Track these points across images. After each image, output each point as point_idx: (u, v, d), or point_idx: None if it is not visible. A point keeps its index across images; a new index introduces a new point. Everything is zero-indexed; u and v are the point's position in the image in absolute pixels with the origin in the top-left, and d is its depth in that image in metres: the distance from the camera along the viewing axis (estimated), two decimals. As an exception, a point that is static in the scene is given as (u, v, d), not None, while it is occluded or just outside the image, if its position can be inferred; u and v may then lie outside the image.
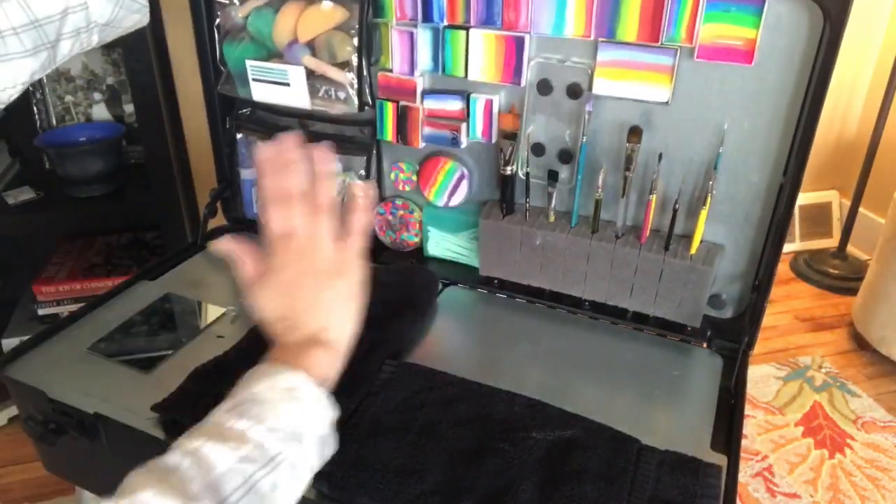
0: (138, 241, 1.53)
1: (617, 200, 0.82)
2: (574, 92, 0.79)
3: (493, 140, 0.86)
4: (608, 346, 0.82)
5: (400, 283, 0.88)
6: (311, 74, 0.87)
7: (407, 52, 0.84)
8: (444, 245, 0.97)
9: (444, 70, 0.84)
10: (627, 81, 0.75)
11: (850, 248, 1.92)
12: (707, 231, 0.79)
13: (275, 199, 0.54)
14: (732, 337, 0.80)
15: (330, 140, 0.95)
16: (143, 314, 0.86)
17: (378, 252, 1.00)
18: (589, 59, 0.77)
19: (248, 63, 0.90)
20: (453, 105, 0.85)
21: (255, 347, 0.75)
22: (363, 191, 0.57)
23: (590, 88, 0.78)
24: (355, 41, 0.84)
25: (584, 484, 0.59)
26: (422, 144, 0.89)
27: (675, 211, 0.77)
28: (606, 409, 0.69)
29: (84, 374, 0.75)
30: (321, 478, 0.60)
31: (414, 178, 0.94)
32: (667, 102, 0.75)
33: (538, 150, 0.84)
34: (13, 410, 1.33)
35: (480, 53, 0.80)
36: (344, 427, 0.66)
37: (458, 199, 0.91)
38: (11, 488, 1.22)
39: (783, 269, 1.94)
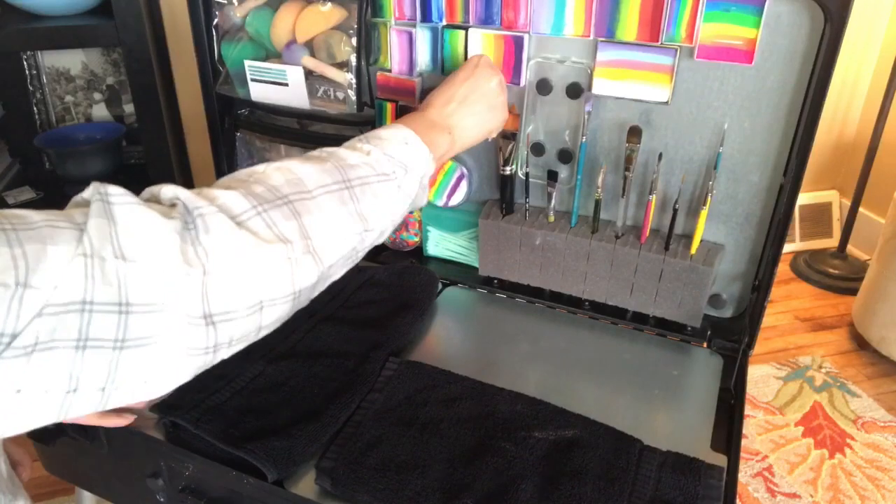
0: (138, 242, 1.53)
1: (617, 200, 0.82)
2: (574, 92, 0.79)
3: (493, 140, 0.85)
4: (608, 346, 0.82)
5: (399, 283, 0.88)
6: (309, 74, 0.87)
7: (406, 52, 0.83)
8: (443, 245, 0.97)
9: (443, 70, 0.84)
10: (627, 81, 0.75)
11: (850, 248, 1.92)
12: (707, 231, 0.79)
13: None
14: (732, 337, 0.80)
15: (329, 140, 0.95)
16: (142, 314, 0.86)
17: (378, 252, 1.00)
18: (588, 58, 0.77)
19: (247, 63, 0.90)
20: (453, 105, 0.85)
21: (255, 348, 0.75)
22: None
23: (589, 88, 0.78)
24: (354, 41, 0.84)
25: (584, 484, 0.59)
26: (421, 144, 0.89)
27: (675, 211, 0.77)
28: (606, 409, 0.69)
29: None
30: (323, 474, 0.60)
31: (414, 178, 0.94)
32: (667, 102, 0.75)
33: (538, 149, 0.84)
34: (13, 411, 1.33)
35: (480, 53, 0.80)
36: (346, 424, 0.66)
37: (457, 199, 0.91)
38: (11, 489, 1.21)
39: (783, 269, 1.94)
